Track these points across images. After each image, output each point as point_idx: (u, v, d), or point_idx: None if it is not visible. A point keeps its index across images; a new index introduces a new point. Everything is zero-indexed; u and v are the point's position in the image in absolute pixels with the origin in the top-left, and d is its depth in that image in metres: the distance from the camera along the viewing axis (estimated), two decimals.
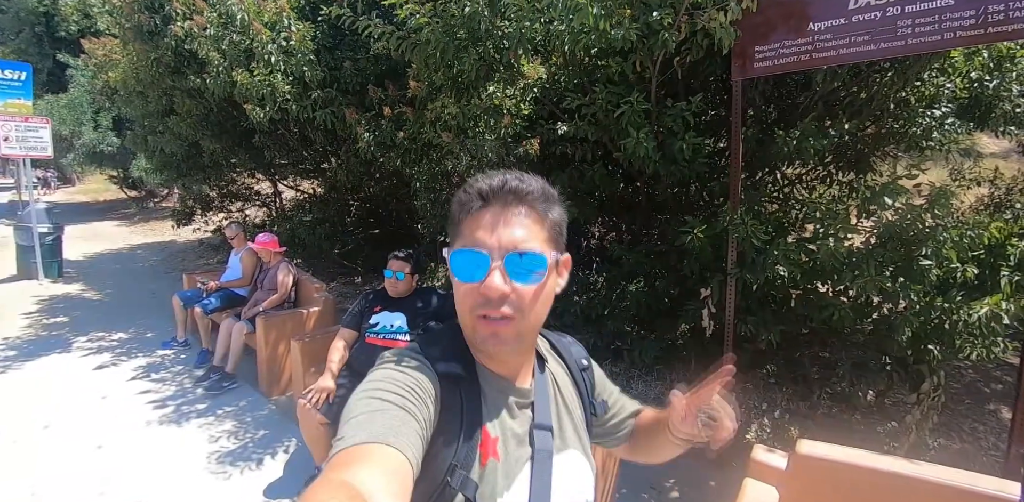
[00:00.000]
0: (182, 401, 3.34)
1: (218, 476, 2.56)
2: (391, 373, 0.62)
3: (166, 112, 4.71)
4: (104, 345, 4.33)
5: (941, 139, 2.41)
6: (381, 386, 0.60)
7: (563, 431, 0.74)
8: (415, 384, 0.61)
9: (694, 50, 2.16)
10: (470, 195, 0.65)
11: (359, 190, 5.51)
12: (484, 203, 0.64)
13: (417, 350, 0.68)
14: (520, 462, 0.67)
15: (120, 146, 10.35)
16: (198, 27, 3.25)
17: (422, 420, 0.58)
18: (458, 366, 0.67)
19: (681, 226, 2.61)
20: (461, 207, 0.66)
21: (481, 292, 0.62)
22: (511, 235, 0.63)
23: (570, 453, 0.73)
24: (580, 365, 0.84)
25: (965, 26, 1.63)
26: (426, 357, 0.66)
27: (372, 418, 0.55)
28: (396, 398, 0.58)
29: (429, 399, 0.61)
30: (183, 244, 8.82)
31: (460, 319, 0.68)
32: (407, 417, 0.57)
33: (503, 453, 0.66)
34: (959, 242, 2.04)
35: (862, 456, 1.46)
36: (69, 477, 2.55)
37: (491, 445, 0.65)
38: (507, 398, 0.69)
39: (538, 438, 0.69)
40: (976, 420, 2.98)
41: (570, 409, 0.78)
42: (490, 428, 0.66)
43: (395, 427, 0.55)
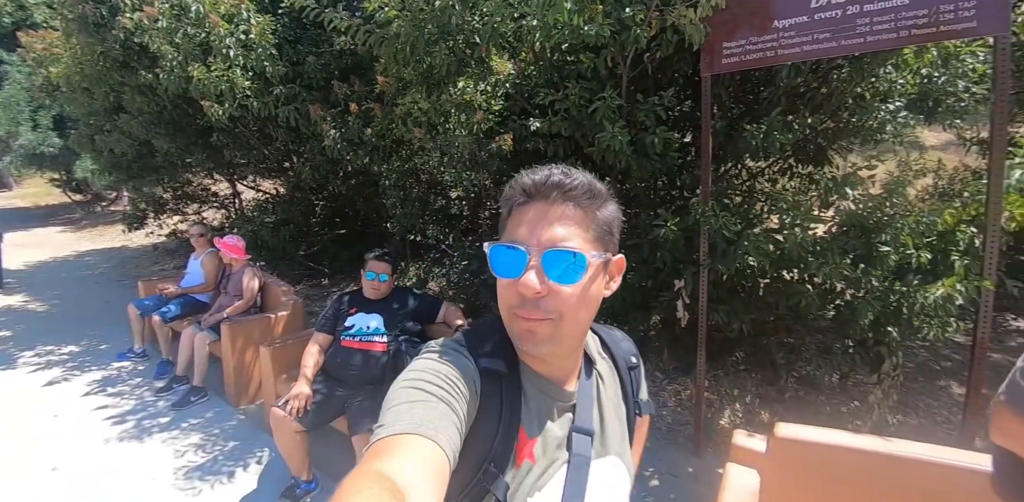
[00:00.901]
0: (143, 415, 3.17)
1: (187, 492, 2.44)
2: (434, 364, 0.62)
3: (114, 110, 4.45)
4: (53, 359, 4.07)
5: (894, 132, 2.54)
6: (424, 376, 0.59)
7: (605, 436, 0.72)
8: (457, 378, 0.61)
9: (664, 46, 2.19)
10: (515, 190, 0.65)
11: (324, 189, 5.37)
12: (528, 198, 0.63)
13: (462, 342, 0.67)
14: (556, 465, 0.65)
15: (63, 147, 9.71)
16: (149, 19, 3.08)
17: (461, 414, 0.58)
18: (501, 363, 0.65)
19: (654, 220, 2.66)
20: (507, 202, 0.65)
21: (517, 290, 0.61)
22: (552, 232, 0.61)
23: (610, 459, 0.71)
24: (629, 363, 0.81)
25: (919, 24, 1.72)
26: (470, 351, 0.66)
27: (412, 408, 0.55)
28: (437, 390, 0.58)
29: (469, 394, 0.61)
30: (136, 249, 8.37)
31: (503, 316, 0.66)
32: (447, 410, 0.57)
33: (539, 456, 0.65)
34: (915, 229, 2.15)
35: (838, 436, 1.52)
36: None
37: (528, 448, 0.64)
38: (549, 399, 0.68)
39: (576, 442, 0.67)
40: (929, 397, 3.16)
41: (616, 413, 0.76)
42: (528, 429, 0.65)
43: (434, 419, 0.55)
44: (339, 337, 2.48)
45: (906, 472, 1.37)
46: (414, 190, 3.88)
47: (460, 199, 4.22)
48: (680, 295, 2.71)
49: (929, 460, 1.35)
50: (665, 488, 2.49)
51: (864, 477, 1.43)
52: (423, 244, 4.91)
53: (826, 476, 1.49)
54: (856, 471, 1.45)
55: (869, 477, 1.42)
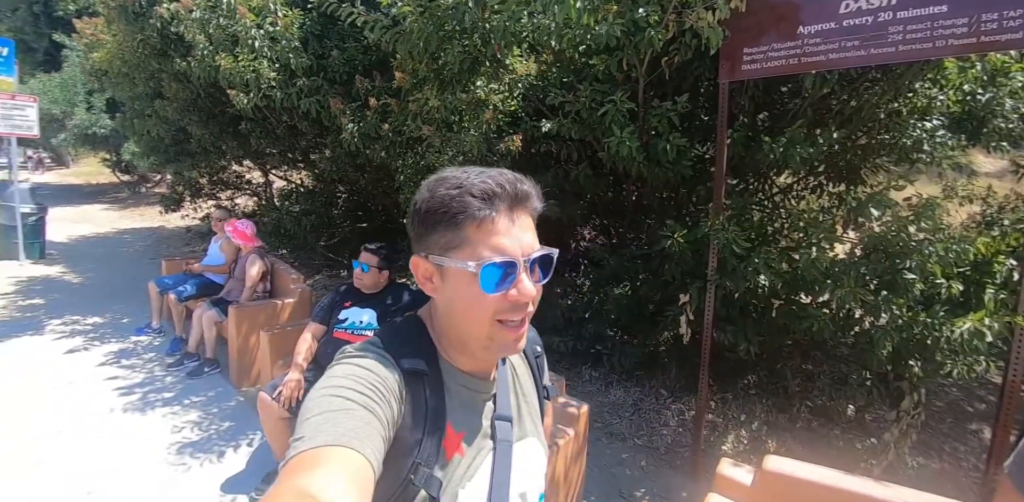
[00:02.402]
0: (149, 389, 3.27)
1: (177, 468, 2.49)
2: (354, 369, 0.60)
3: (154, 95, 4.62)
4: (77, 329, 4.25)
5: (932, 152, 2.36)
6: (343, 383, 0.58)
7: (521, 419, 0.75)
8: (378, 381, 0.59)
9: (682, 50, 2.10)
10: (469, 199, 0.61)
11: (346, 182, 5.44)
12: (492, 208, 0.61)
13: (379, 345, 0.66)
14: (482, 454, 0.67)
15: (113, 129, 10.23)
16: (184, 9, 3.17)
17: (384, 419, 0.57)
18: (422, 362, 0.65)
19: (661, 231, 2.56)
20: (461, 212, 0.61)
21: (511, 299, 0.62)
22: (528, 239, 0.64)
23: (528, 441, 0.75)
24: (535, 352, 0.85)
25: (957, 34, 1.58)
26: (389, 353, 0.64)
27: (333, 418, 0.54)
28: (358, 397, 0.57)
29: (392, 397, 0.60)
30: (171, 230, 8.72)
31: (469, 329, 0.65)
32: (369, 417, 0.55)
33: (467, 448, 0.66)
34: (944, 256, 1.98)
35: (829, 475, 1.40)
36: (22, 463, 2.47)
37: (456, 441, 0.65)
38: (471, 393, 0.70)
39: (499, 429, 0.69)
40: (957, 440, 2.93)
41: (527, 397, 0.79)
42: (455, 424, 0.66)
43: (356, 428, 0.53)
44: (332, 328, 2.48)
45: None
46: None
47: None
48: (684, 310, 2.60)
49: None
50: None
51: None
52: None
53: None
54: None
55: None
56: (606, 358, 3.52)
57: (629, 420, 3.17)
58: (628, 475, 2.66)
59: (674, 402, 3.38)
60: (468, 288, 0.62)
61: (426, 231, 0.64)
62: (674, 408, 3.32)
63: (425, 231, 0.64)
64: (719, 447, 2.85)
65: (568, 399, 2.05)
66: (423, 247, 0.65)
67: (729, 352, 2.97)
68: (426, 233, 0.64)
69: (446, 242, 0.62)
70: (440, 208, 0.62)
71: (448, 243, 0.62)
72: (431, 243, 0.64)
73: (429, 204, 0.63)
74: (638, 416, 3.22)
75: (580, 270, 4.32)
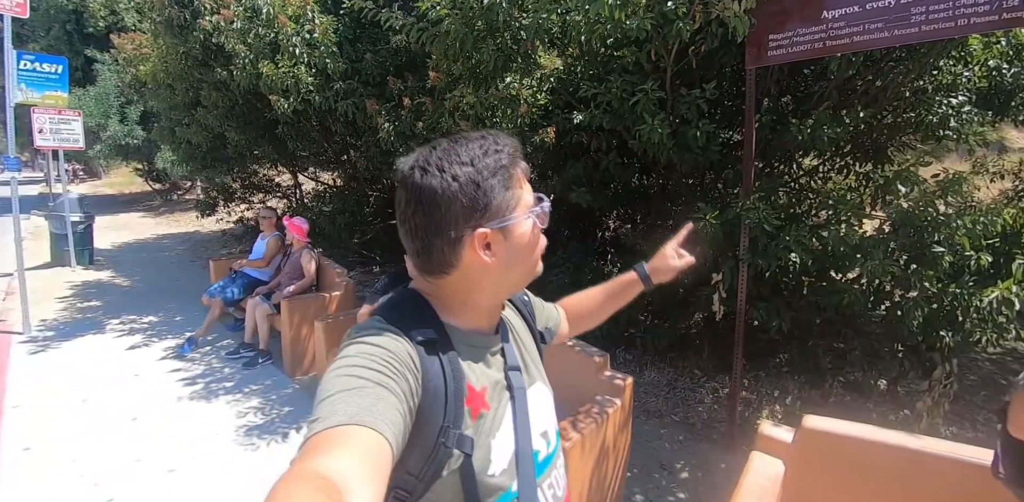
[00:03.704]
0: (211, 379, 3.50)
1: (246, 447, 2.70)
2: (365, 347, 0.61)
3: (193, 104, 4.86)
4: (135, 327, 4.53)
5: (959, 128, 2.41)
6: (356, 362, 0.59)
7: (527, 367, 0.80)
8: (391, 356, 0.60)
9: (708, 39, 2.19)
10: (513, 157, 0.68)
11: (378, 181, 5.63)
12: (513, 163, 0.69)
13: (385, 320, 0.66)
14: (503, 404, 0.71)
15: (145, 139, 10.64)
16: (225, 21, 3.36)
17: (400, 393, 0.58)
18: (431, 331, 0.67)
19: (693, 213, 2.66)
20: (512, 172, 0.68)
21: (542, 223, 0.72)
22: None
23: (537, 386, 0.80)
24: (523, 301, 0.90)
25: (980, 12, 1.65)
26: (397, 327, 0.65)
27: (346, 398, 0.54)
28: (371, 374, 0.57)
29: (407, 369, 0.60)
30: (206, 234, 9.06)
31: (525, 270, 0.73)
32: (384, 393, 0.56)
33: (491, 402, 0.70)
34: (972, 229, 2.05)
35: (865, 430, 1.51)
36: (107, 445, 2.71)
37: (479, 398, 0.68)
38: (480, 350, 0.73)
39: (513, 379, 0.74)
40: (991, 411, 2.98)
41: (526, 345, 0.84)
42: (475, 382, 0.69)
43: (370, 405, 0.54)
44: None
45: (936, 469, 1.35)
46: None
47: None
48: (717, 288, 2.69)
49: (954, 457, 1.32)
50: (696, 482, 2.50)
51: (890, 472, 1.42)
52: None
53: (851, 469, 1.48)
54: (882, 466, 1.44)
55: (896, 472, 1.41)
56: (639, 341, 3.63)
57: (665, 398, 3.29)
58: (667, 449, 2.78)
59: (708, 381, 3.48)
60: (532, 232, 0.70)
61: (487, 201, 0.65)
62: (708, 386, 3.42)
63: (486, 201, 0.65)
64: (754, 421, 2.94)
65: (613, 372, 2.18)
66: (483, 219, 0.66)
67: (762, 333, 3.05)
68: (487, 203, 0.65)
69: (505, 205, 0.67)
70: (497, 174, 0.65)
71: (508, 205, 0.67)
72: (492, 211, 0.66)
73: (483, 175, 0.65)
74: (673, 394, 3.34)
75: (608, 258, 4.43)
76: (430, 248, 0.67)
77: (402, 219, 0.69)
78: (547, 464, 0.76)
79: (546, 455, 0.77)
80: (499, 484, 0.67)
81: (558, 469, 0.80)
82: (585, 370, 2.17)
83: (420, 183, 0.65)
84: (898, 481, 1.40)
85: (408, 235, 0.69)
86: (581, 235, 4.38)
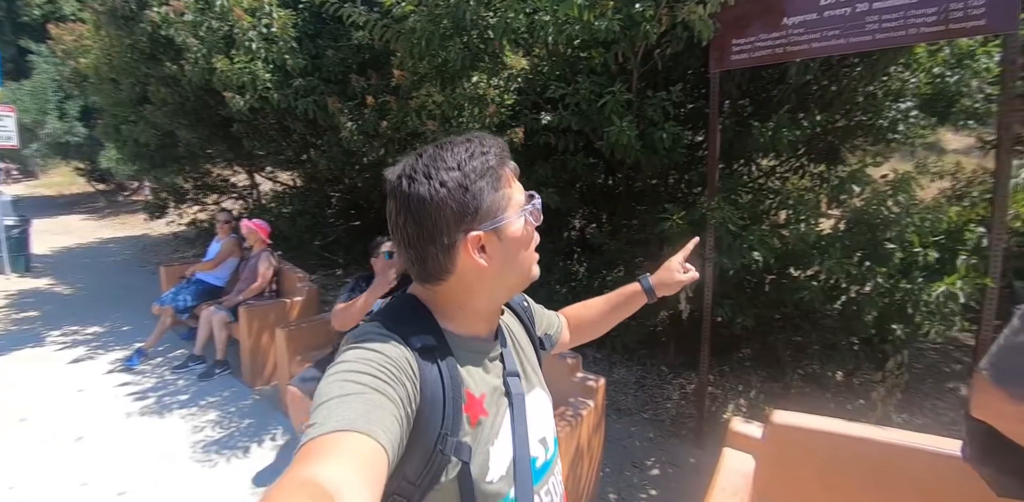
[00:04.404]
0: (163, 393, 3.31)
1: (203, 464, 2.56)
2: (363, 353, 0.61)
3: (140, 100, 4.59)
4: (79, 339, 4.24)
5: (906, 132, 2.54)
6: (354, 367, 0.58)
7: (526, 372, 0.79)
8: (389, 362, 0.60)
9: (674, 42, 2.23)
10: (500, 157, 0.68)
11: (340, 181, 5.48)
12: (501, 164, 0.68)
13: (382, 326, 0.66)
14: (502, 410, 0.71)
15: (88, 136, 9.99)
16: (175, 12, 3.19)
17: (398, 399, 0.57)
18: (430, 338, 0.66)
19: (660, 214, 2.70)
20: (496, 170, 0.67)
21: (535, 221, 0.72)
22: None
23: (535, 392, 0.79)
24: (522, 306, 0.90)
25: (928, 23, 1.74)
26: (396, 333, 0.65)
27: (343, 403, 0.54)
28: (370, 380, 0.57)
29: (404, 376, 0.60)
30: (156, 238, 8.60)
31: (521, 271, 0.72)
32: (381, 399, 0.56)
33: (489, 408, 0.69)
34: (920, 226, 2.16)
35: (833, 423, 1.56)
36: (49, 469, 2.51)
37: (478, 404, 0.68)
38: (479, 356, 0.72)
39: (511, 385, 0.73)
40: (937, 398, 3.16)
41: (525, 351, 0.83)
42: (473, 389, 0.68)
43: (367, 411, 0.54)
44: None
45: (898, 460, 1.41)
46: None
47: None
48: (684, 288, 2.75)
49: (921, 448, 1.38)
50: (667, 478, 2.54)
51: (857, 464, 1.47)
52: None
53: (820, 462, 1.53)
54: (849, 458, 1.49)
55: (862, 464, 1.46)
56: (608, 339, 3.67)
57: (634, 396, 3.33)
58: (638, 446, 2.81)
59: (675, 377, 3.55)
60: (525, 231, 0.69)
61: (472, 205, 0.64)
62: (675, 383, 3.49)
63: (470, 206, 0.64)
64: (720, 416, 3.02)
65: (585, 374, 2.18)
66: (474, 223, 0.65)
67: (724, 328, 3.14)
68: (477, 206, 0.65)
69: (497, 205, 0.66)
70: (485, 175, 0.64)
71: (499, 204, 0.66)
72: (482, 213, 0.65)
73: (470, 179, 0.64)
74: (642, 392, 3.39)
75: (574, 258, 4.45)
76: (424, 256, 0.66)
77: (394, 229, 0.68)
78: (545, 471, 0.76)
79: (544, 461, 0.76)
80: (497, 491, 0.67)
81: (555, 476, 0.80)
82: (558, 372, 2.17)
83: (408, 192, 0.64)
84: (866, 472, 1.45)
85: (401, 244, 0.68)
86: (548, 235, 4.40)
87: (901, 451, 1.42)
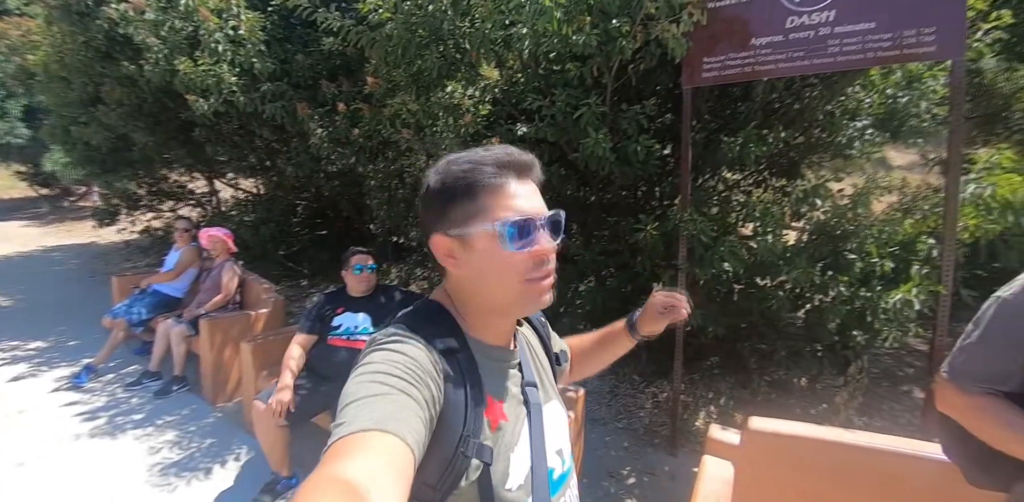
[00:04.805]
0: (115, 412, 3.10)
1: (161, 488, 2.41)
2: (389, 354, 0.62)
3: (92, 101, 4.36)
4: (19, 355, 3.94)
5: (861, 149, 2.69)
6: (381, 368, 0.60)
7: (544, 383, 0.80)
8: (414, 364, 0.61)
9: (647, 58, 2.29)
10: (483, 169, 0.66)
11: (306, 189, 5.34)
12: (502, 175, 0.67)
13: (407, 329, 0.67)
14: (520, 419, 0.72)
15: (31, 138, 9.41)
16: (135, 10, 3.05)
17: (423, 401, 0.59)
18: (453, 341, 0.68)
19: (634, 225, 2.75)
20: (475, 182, 0.66)
21: (534, 256, 0.67)
22: (538, 202, 0.70)
23: (552, 404, 0.80)
24: (541, 322, 0.91)
25: (884, 47, 1.86)
26: (420, 335, 0.66)
27: (372, 402, 0.55)
28: (396, 381, 0.58)
29: (430, 378, 0.61)
30: (106, 246, 8.13)
31: (501, 292, 0.69)
32: (407, 400, 0.57)
33: (509, 414, 0.70)
34: (879, 238, 2.28)
35: (808, 428, 1.61)
36: None
37: (498, 409, 0.69)
38: (500, 364, 0.73)
39: (530, 394, 0.74)
40: (893, 401, 3.31)
41: (543, 364, 0.85)
42: (493, 395, 0.69)
43: (394, 412, 0.55)
44: (326, 336, 2.48)
45: (868, 461, 1.46)
46: (399, 191, 3.91)
47: None
48: None
49: (889, 449, 1.44)
50: (642, 487, 2.55)
51: (830, 466, 1.52)
52: (406, 246, 4.93)
53: (796, 465, 1.57)
54: (823, 461, 1.53)
55: (835, 466, 1.51)
56: None
57: (608, 406, 3.35)
58: (613, 456, 2.83)
59: (647, 386, 3.59)
60: (494, 251, 0.66)
61: (444, 208, 0.67)
62: (648, 392, 3.53)
63: (443, 208, 0.67)
64: (692, 424, 3.07)
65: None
66: (442, 225, 0.68)
67: (692, 337, 3.21)
68: (444, 210, 0.67)
69: (465, 213, 0.66)
70: (457, 182, 0.66)
71: (467, 214, 0.66)
72: (450, 219, 0.67)
73: (445, 181, 0.67)
74: (616, 401, 3.41)
75: None
76: (426, 246, 0.72)
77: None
78: (562, 483, 0.76)
79: (561, 473, 0.76)
80: (515, 499, 0.67)
81: (572, 489, 0.80)
82: None
83: (425, 181, 0.70)
84: (842, 475, 1.50)
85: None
86: None
87: (871, 453, 1.48)
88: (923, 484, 1.34)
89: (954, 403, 0.99)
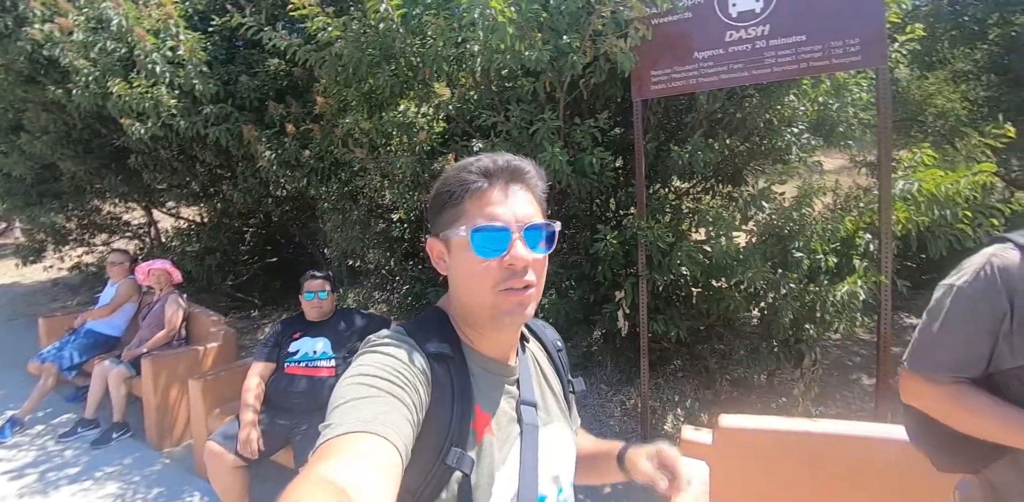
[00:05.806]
0: (47, 467, 2.80)
1: None
2: (380, 357, 0.62)
3: (13, 128, 4.05)
4: None
5: (798, 153, 2.87)
6: (370, 370, 0.60)
7: (548, 405, 0.77)
8: (404, 368, 0.61)
9: (598, 73, 2.37)
10: (468, 175, 0.67)
11: (254, 215, 5.14)
12: (487, 181, 0.66)
13: (403, 333, 0.68)
14: (511, 438, 0.69)
15: None
16: (62, 31, 2.88)
17: (411, 404, 0.58)
18: (447, 346, 0.68)
19: (593, 236, 2.81)
20: (460, 187, 0.67)
21: (506, 265, 0.64)
22: (524, 210, 0.67)
23: (555, 426, 0.76)
24: (556, 346, 0.87)
25: (815, 58, 2.01)
26: (414, 339, 0.67)
27: (359, 405, 0.55)
28: (384, 383, 0.58)
29: (418, 381, 0.61)
30: (31, 286, 7.47)
31: (473, 299, 0.68)
32: (396, 403, 0.57)
33: (497, 429, 0.68)
34: (822, 235, 2.43)
35: (776, 421, 1.66)
36: None
37: (485, 421, 0.67)
38: (495, 376, 0.71)
39: (525, 414, 0.71)
40: (844, 389, 3.48)
41: (552, 385, 0.81)
42: (483, 406, 0.67)
43: (383, 414, 0.54)
44: (283, 364, 2.36)
45: (837, 447, 1.52)
46: (354, 213, 3.82)
47: (402, 222, 4.19)
48: (620, 305, 2.84)
49: (856, 435, 1.51)
50: (618, 495, 2.54)
51: (802, 455, 1.57)
52: (362, 269, 4.79)
53: (769, 458, 1.61)
54: (795, 451, 1.58)
55: (806, 455, 1.56)
56: None
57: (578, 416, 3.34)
58: None
59: (615, 394, 3.61)
60: (465, 256, 0.66)
61: (436, 213, 0.69)
62: (615, 400, 3.55)
63: (436, 213, 0.70)
64: (661, 428, 3.11)
65: None
66: (435, 227, 0.70)
67: (655, 342, 3.27)
68: (436, 214, 0.69)
69: (450, 218, 0.68)
70: (445, 187, 0.68)
71: (451, 218, 0.67)
72: (441, 222, 0.69)
73: (439, 187, 0.69)
74: (585, 411, 3.40)
75: None
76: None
77: None
78: None
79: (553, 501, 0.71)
80: None
81: None
82: None
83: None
84: (814, 463, 1.55)
85: None
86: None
87: (839, 439, 1.54)
88: (890, 465, 1.40)
89: (924, 394, 0.99)
